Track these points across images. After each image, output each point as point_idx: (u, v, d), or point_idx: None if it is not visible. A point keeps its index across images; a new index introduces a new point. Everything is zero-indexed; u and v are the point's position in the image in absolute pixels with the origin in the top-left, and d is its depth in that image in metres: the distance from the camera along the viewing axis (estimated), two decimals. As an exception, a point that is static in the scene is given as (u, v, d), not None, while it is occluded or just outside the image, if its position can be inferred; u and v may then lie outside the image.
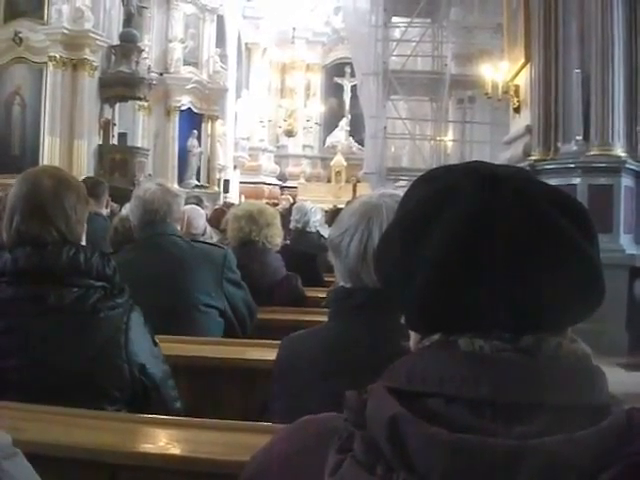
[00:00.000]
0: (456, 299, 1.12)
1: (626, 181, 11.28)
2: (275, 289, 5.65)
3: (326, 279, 6.67)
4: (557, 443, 1.01)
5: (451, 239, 1.13)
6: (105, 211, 8.12)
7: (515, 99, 14.80)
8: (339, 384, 1.45)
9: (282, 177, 42.17)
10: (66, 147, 23.24)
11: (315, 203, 10.31)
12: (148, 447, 2.55)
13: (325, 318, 2.70)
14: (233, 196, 33.59)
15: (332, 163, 39.99)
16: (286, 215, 10.76)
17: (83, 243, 3.07)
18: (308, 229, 8.07)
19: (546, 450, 1.00)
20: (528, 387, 1.07)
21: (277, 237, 5.83)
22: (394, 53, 24.87)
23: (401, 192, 1.35)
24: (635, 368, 9.47)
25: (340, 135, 42.05)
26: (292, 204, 18.69)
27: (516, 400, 1.07)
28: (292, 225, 8.29)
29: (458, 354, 1.12)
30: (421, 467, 1.03)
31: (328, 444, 1.14)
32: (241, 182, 37.91)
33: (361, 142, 34.16)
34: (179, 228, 4.82)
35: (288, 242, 8.07)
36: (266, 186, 40.18)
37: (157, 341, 3.13)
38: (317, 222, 8.28)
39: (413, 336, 1.27)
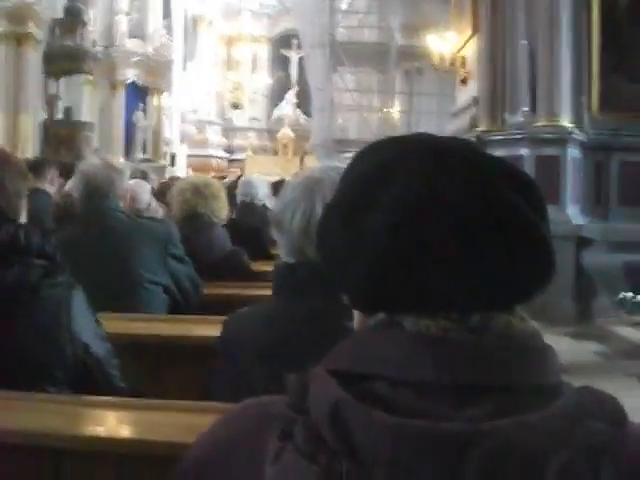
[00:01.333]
0: (401, 278, 1.07)
1: (573, 152, 11.38)
2: (221, 263, 5.60)
3: (273, 252, 6.64)
4: (508, 426, 0.98)
5: (394, 216, 1.07)
6: (52, 188, 8.03)
7: (462, 70, 14.89)
8: (282, 364, 1.41)
9: (229, 150, 42.08)
10: (11, 122, 22.93)
11: (263, 175, 10.28)
12: (94, 430, 2.50)
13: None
14: (180, 170, 33.49)
15: (279, 135, 39.96)
16: (233, 188, 10.70)
17: (24, 220, 3.01)
18: (255, 202, 8.02)
19: (499, 433, 0.97)
20: (476, 367, 1.03)
21: (223, 210, 5.79)
22: (341, 24, 24.88)
23: (345, 165, 1.31)
24: (583, 337, 9.59)
25: (287, 107, 42.03)
26: (239, 177, 18.63)
27: (463, 381, 1.03)
28: (239, 199, 8.24)
29: (403, 334, 1.07)
30: (365, 454, 0.99)
31: (269, 429, 1.09)
32: (188, 155, 37.80)
33: (309, 114, 34.17)
34: (122, 204, 4.76)
35: (234, 216, 8.02)
36: (214, 159, 40.08)
37: (99, 320, 3.07)
38: (264, 196, 8.24)
39: (357, 316, 1.22)
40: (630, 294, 9.59)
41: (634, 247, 10.18)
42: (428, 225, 1.06)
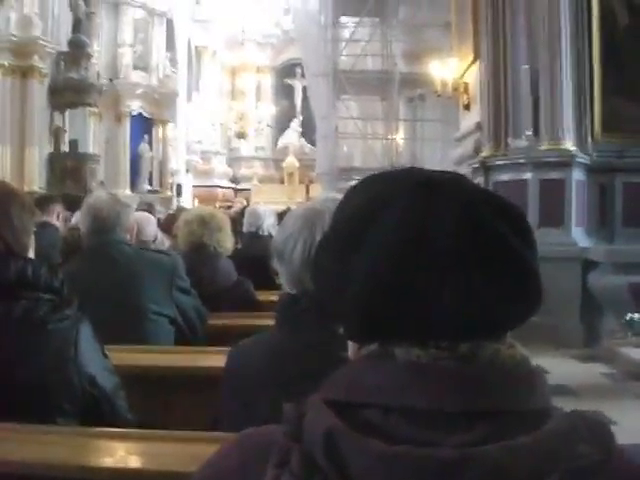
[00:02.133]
0: (392, 309, 1.10)
1: (577, 175, 11.39)
2: (226, 294, 5.61)
3: (278, 282, 6.64)
4: (497, 451, 1.00)
5: (385, 249, 1.11)
6: (58, 222, 8.09)
7: (465, 96, 14.92)
8: (286, 394, 1.43)
9: (235, 180, 42.11)
10: (16, 155, 23.01)
11: (269, 205, 10.31)
12: (100, 461, 2.52)
13: (277, 322, 2.67)
14: (186, 200, 33.53)
15: (285, 164, 40.00)
16: (238, 218, 10.71)
17: (31, 254, 3.04)
18: (260, 232, 8.03)
19: (486, 459, 0.99)
20: (465, 395, 1.06)
21: (228, 242, 5.81)
22: (343, 53, 24.96)
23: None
24: (589, 360, 9.57)
25: (292, 136, 42.08)
26: (245, 207, 18.65)
27: (453, 408, 1.05)
28: (245, 228, 8.26)
29: (395, 364, 1.10)
30: None
31: (267, 458, 1.11)
32: (194, 186, 37.82)
33: (313, 143, 34.08)
34: (129, 237, 4.78)
35: (239, 246, 8.02)
36: (219, 189, 40.11)
37: (107, 352, 3.09)
38: (270, 225, 8.24)
39: (351, 346, 1.25)
40: (637, 315, 9.56)
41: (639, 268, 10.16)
42: (416, 259, 1.09)
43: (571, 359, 9.61)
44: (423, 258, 1.09)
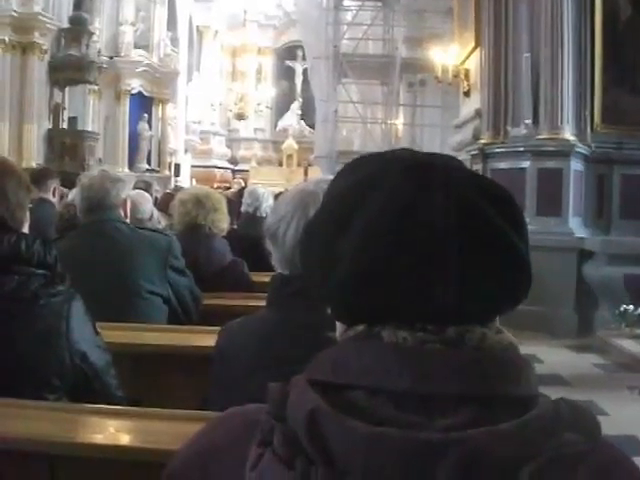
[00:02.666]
0: (379, 291, 1.10)
1: (575, 165, 11.38)
2: (221, 274, 5.62)
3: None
4: (479, 435, 0.99)
5: (372, 231, 1.10)
6: (54, 198, 8.07)
7: (465, 83, 14.91)
8: (275, 374, 1.43)
9: (234, 161, 42.12)
10: (16, 131, 22.98)
11: (266, 187, 10.28)
12: (88, 437, 2.52)
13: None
14: (184, 180, 33.54)
15: (283, 147, 39.98)
16: (236, 199, 10.70)
17: (26, 229, 3.04)
18: (259, 214, 8.02)
19: (469, 443, 0.99)
20: (450, 379, 1.05)
21: (223, 222, 5.81)
22: (345, 36, 24.95)
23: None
24: (584, 350, 9.59)
25: (292, 119, 42.09)
26: (243, 188, 18.64)
27: (439, 392, 1.05)
28: (243, 209, 8.25)
29: (381, 345, 1.09)
30: (340, 461, 1.01)
31: (251, 437, 1.11)
32: (193, 166, 37.85)
33: (313, 126, 34.07)
34: (122, 213, 4.77)
35: (235, 227, 8.02)
36: (218, 170, 40.13)
37: (98, 330, 3.09)
38: (268, 207, 8.23)
39: (339, 326, 1.24)
40: (631, 307, 9.59)
41: (635, 260, 10.17)
42: (404, 241, 1.09)
43: (564, 348, 9.63)
44: (410, 242, 1.09)
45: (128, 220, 4.85)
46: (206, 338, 3.55)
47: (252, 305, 4.32)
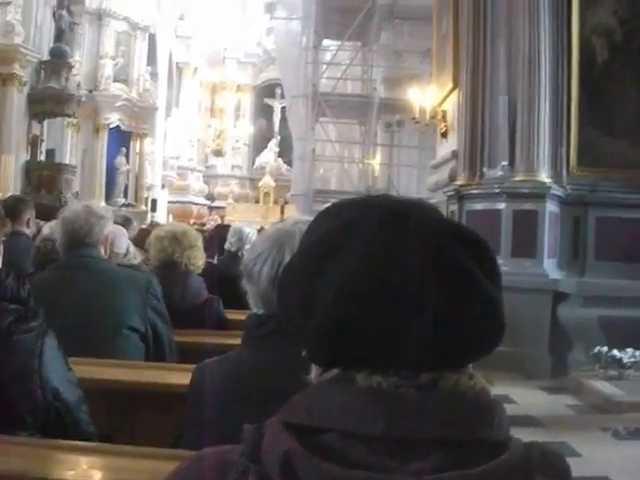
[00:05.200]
0: (354, 335, 1.11)
1: (550, 207, 11.43)
2: (196, 312, 5.59)
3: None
4: (451, 479, 1.00)
5: (349, 276, 1.11)
6: (29, 230, 7.99)
7: (442, 124, 14.97)
8: (249, 414, 1.42)
9: (210, 197, 42.15)
10: (-7, 162, 22.95)
11: (243, 223, 10.27)
12: (60, 473, 2.49)
13: (246, 342, 2.67)
14: (161, 215, 33.49)
15: (260, 184, 40.08)
16: (213, 236, 10.70)
17: (-1, 264, 3.01)
18: (240, 254, 8.01)
19: None
20: (423, 423, 1.06)
21: (199, 259, 5.78)
22: (324, 76, 25.06)
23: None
24: (558, 391, 9.59)
25: (269, 156, 42.22)
26: (219, 225, 18.63)
27: (412, 436, 1.05)
28: (226, 246, 8.26)
29: (355, 389, 1.10)
30: None
31: (226, 478, 1.11)
32: (169, 201, 37.83)
33: (290, 163, 34.22)
34: (103, 249, 4.74)
35: (216, 262, 8.02)
36: (194, 206, 40.14)
37: (71, 366, 3.06)
38: (251, 247, 8.22)
39: (314, 369, 1.25)
40: (605, 348, 9.60)
41: (609, 302, 10.20)
42: (380, 286, 1.09)
43: (538, 390, 9.63)
44: (386, 290, 1.09)
45: (107, 256, 4.82)
46: (181, 376, 3.53)
47: (227, 343, 4.30)
